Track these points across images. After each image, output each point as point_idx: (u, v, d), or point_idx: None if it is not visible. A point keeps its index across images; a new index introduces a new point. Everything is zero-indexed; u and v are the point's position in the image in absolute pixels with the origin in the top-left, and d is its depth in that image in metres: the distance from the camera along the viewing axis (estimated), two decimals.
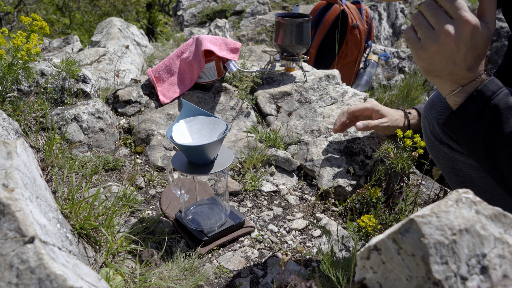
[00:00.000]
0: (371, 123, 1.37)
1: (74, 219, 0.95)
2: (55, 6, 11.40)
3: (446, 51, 0.79)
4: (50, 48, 2.99)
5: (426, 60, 0.82)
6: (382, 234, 0.57)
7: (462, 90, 0.82)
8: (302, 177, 1.46)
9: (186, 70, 1.69)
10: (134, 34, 3.10)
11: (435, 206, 0.54)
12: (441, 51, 0.80)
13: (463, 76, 0.82)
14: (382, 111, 1.39)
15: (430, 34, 0.80)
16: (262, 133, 1.57)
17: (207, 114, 1.10)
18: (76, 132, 1.42)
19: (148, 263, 0.99)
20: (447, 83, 0.84)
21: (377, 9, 4.87)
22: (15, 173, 0.69)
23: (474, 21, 0.77)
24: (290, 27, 1.67)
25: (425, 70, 0.84)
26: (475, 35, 0.78)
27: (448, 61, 0.80)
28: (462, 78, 0.82)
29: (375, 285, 0.60)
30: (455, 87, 0.83)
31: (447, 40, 0.78)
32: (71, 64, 1.58)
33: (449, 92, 0.84)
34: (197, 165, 1.05)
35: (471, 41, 0.78)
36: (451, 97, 0.84)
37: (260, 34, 4.20)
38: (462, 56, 0.79)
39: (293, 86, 1.74)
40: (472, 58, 0.80)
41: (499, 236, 0.52)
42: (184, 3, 5.23)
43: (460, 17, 0.77)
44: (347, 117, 1.42)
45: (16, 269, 0.58)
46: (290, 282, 0.70)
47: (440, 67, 0.82)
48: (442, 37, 0.79)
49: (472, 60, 0.80)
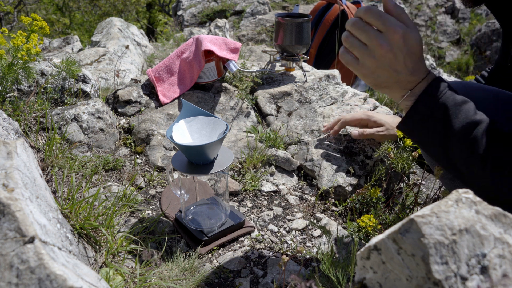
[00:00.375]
0: (366, 131, 1.41)
1: (74, 219, 0.95)
2: (55, 6, 11.40)
3: (385, 63, 0.82)
4: (50, 48, 2.99)
5: (370, 76, 0.85)
6: (382, 234, 0.57)
7: (411, 94, 0.85)
8: (302, 177, 1.46)
9: (186, 70, 1.69)
10: (134, 34, 3.11)
11: (435, 206, 0.54)
12: (381, 65, 0.82)
13: (409, 81, 0.84)
14: (378, 121, 1.42)
15: (365, 52, 0.83)
16: (262, 133, 1.57)
17: (207, 114, 1.10)
18: (76, 132, 1.42)
19: (148, 263, 0.99)
20: (396, 91, 0.86)
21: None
22: (15, 173, 0.69)
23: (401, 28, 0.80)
24: (290, 27, 1.67)
25: (373, 84, 0.87)
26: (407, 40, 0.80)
27: (390, 72, 0.83)
28: (408, 83, 0.85)
29: (375, 285, 0.60)
30: (404, 92, 0.86)
31: (382, 53, 0.81)
32: (71, 64, 1.58)
33: (400, 98, 0.87)
34: (197, 165, 1.05)
35: (405, 47, 0.80)
36: (403, 102, 0.87)
37: (260, 34, 4.20)
38: (402, 63, 0.82)
39: (293, 86, 1.74)
40: (412, 62, 0.83)
41: (499, 236, 0.52)
42: (184, 3, 5.23)
43: (388, 29, 0.80)
44: (340, 127, 1.46)
45: (16, 269, 0.58)
46: (290, 282, 0.70)
47: (385, 78, 0.84)
48: (377, 51, 0.81)
49: (412, 64, 0.83)
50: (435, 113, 0.82)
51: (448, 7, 5.88)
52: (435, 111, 0.82)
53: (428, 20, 5.84)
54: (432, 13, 5.89)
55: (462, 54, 5.37)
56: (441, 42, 5.64)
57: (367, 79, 0.86)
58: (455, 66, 5.27)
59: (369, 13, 0.81)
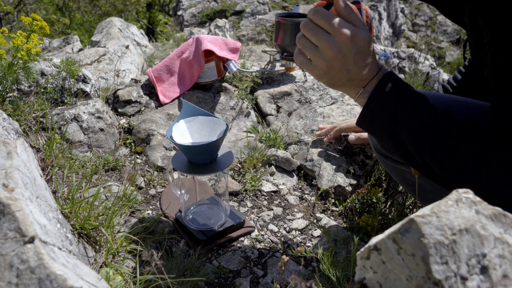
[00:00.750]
0: (363, 135, 1.43)
1: (74, 219, 0.95)
2: (55, 6, 11.40)
3: (336, 63, 0.84)
4: (50, 48, 2.99)
5: (323, 76, 0.87)
6: (382, 234, 0.57)
7: (364, 91, 0.87)
8: (302, 177, 1.46)
9: (186, 70, 1.69)
10: (134, 34, 3.11)
11: (435, 206, 0.54)
12: (332, 65, 0.84)
13: (361, 79, 0.86)
14: None
15: (316, 53, 0.84)
16: (262, 133, 1.57)
17: (207, 114, 1.10)
18: (76, 132, 1.42)
19: (148, 263, 0.99)
20: (350, 89, 0.88)
21: (377, 9, 4.87)
22: (15, 173, 0.69)
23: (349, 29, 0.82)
24: (290, 27, 1.67)
25: (328, 84, 0.89)
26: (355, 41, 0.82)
27: (342, 71, 0.84)
28: (360, 81, 0.86)
29: (375, 285, 0.60)
30: (358, 90, 0.88)
31: (331, 54, 0.82)
32: (71, 64, 1.58)
33: (355, 95, 0.89)
34: (197, 165, 1.05)
35: (354, 47, 0.82)
36: (358, 99, 0.89)
37: (260, 34, 4.20)
38: (352, 63, 0.84)
39: (293, 86, 1.74)
40: (363, 61, 0.85)
41: (499, 236, 0.52)
42: (184, 3, 5.23)
43: (335, 31, 0.81)
44: (335, 135, 1.48)
45: (16, 269, 0.58)
46: (290, 282, 0.70)
47: (338, 78, 0.86)
48: (327, 53, 0.83)
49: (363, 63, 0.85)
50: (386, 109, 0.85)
51: None
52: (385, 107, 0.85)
53: (428, 20, 5.84)
54: (432, 13, 5.89)
55: (462, 54, 5.38)
56: (441, 42, 5.64)
57: (321, 79, 0.88)
58: (455, 66, 5.27)
59: (316, 15, 0.83)
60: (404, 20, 5.41)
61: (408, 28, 5.77)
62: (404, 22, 5.42)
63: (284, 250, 1.14)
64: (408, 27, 5.79)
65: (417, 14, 5.87)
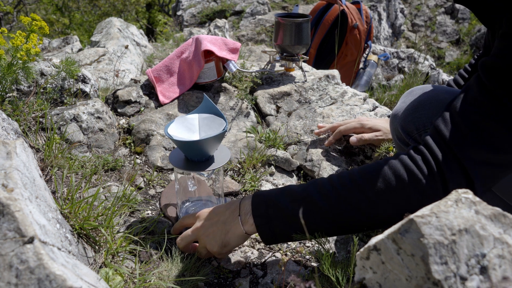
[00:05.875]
0: (364, 137, 1.43)
1: (74, 219, 0.95)
2: (54, 6, 11.40)
3: (210, 239, 1.00)
4: (49, 48, 2.99)
5: (215, 245, 1.00)
6: (382, 234, 0.57)
7: (246, 224, 0.96)
8: (302, 177, 1.46)
9: (186, 70, 1.69)
10: (133, 34, 3.11)
11: (434, 206, 0.54)
12: (205, 242, 1.01)
13: (234, 224, 0.98)
14: (373, 126, 1.44)
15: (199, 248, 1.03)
16: (261, 133, 1.57)
17: (221, 115, 1.11)
18: (75, 132, 1.42)
19: (147, 263, 0.99)
20: (236, 229, 0.98)
21: (377, 9, 4.88)
22: (15, 173, 0.69)
23: (193, 234, 1.03)
24: (290, 27, 1.67)
25: (220, 247, 1.00)
26: (203, 229, 1.01)
27: (218, 226, 1.00)
28: (234, 225, 0.98)
29: (374, 285, 0.60)
30: (240, 226, 0.97)
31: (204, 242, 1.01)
32: (71, 64, 1.58)
33: (242, 231, 0.98)
34: (194, 162, 1.06)
35: (210, 227, 1.00)
36: (246, 228, 0.97)
37: (260, 34, 4.20)
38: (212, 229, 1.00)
39: (293, 86, 1.74)
40: (223, 213, 1.00)
41: (499, 236, 0.52)
42: (184, 3, 5.23)
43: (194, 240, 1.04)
44: (335, 138, 1.48)
45: (15, 269, 0.57)
46: (290, 282, 0.70)
47: (218, 235, 0.99)
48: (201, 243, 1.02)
49: (224, 214, 1.00)
50: (288, 230, 0.93)
51: (447, 7, 5.89)
52: (286, 226, 0.93)
53: (427, 20, 5.84)
54: (432, 13, 5.89)
55: (461, 54, 5.38)
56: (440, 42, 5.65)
57: (214, 248, 1.00)
58: (455, 66, 5.27)
59: (178, 243, 1.04)
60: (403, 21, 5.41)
61: (408, 29, 5.78)
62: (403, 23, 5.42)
63: (284, 250, 1.14)
64: (408, 27, 5.79)
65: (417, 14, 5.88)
